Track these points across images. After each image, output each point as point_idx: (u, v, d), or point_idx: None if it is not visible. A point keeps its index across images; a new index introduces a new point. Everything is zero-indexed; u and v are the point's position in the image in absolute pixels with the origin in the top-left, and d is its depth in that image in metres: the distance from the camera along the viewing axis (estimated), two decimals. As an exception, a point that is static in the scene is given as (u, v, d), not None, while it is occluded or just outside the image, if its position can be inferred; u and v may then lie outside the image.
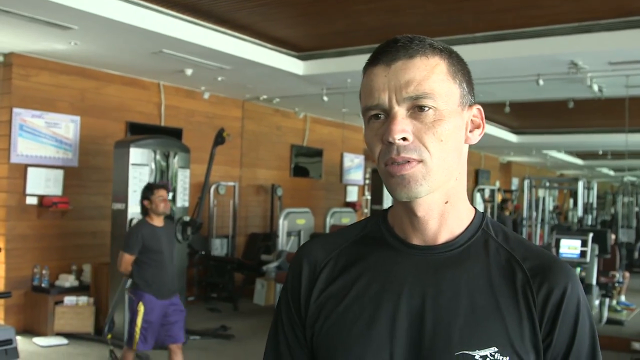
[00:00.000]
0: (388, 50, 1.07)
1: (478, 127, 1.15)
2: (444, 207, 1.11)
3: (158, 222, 5.25)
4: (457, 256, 1.11)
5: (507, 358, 1.02)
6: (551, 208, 16.05)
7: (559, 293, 1.07)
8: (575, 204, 13.76)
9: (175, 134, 8.70)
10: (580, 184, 13.27)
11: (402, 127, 1.03)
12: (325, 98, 8.86)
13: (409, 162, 1.04)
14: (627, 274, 9.80)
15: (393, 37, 1.09)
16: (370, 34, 6.85)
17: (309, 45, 7.60)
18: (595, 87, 7.85)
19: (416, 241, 1.13)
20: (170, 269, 5.25)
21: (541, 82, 7.37)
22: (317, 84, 8.54)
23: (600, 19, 6.13)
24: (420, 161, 1.04)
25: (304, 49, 7.73)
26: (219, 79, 8.33)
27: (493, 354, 1.02)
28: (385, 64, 1.07)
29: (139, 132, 8.21)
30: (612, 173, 24.12)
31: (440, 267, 1.10)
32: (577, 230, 9.76)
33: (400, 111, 1.04)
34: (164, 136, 7.86)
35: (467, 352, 1.03)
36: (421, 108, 1.04)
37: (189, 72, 7.85)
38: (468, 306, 1.06)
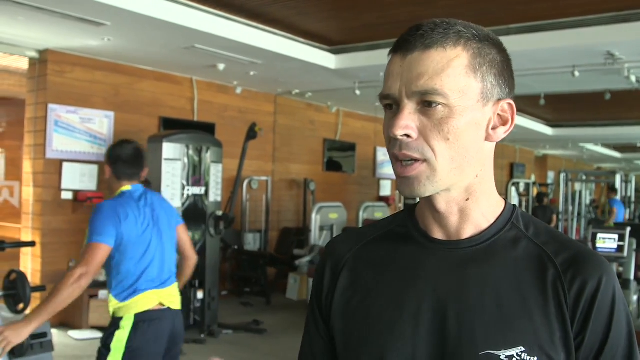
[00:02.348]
0: (407, 39, 1.02)
1: (505, 123, 1.07)
2: (465, 203, 1.08)
3: None
4: (483, 251, 1.07)
5: (535, 358, 0.98)
6: (588, 202, 15.83)
7: (593, 287, 1.01)
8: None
9: (208, 128, 8.75)
10: (618, 178, 13.07)
11: (407, 122, 1.00)
12: (358, 92, 8.81)
13: (412, 162, 1.01)
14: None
15: (416, 24, 1.04)
16: (401, 26, 6.71)
17: (341, 39, 7.56)
18: (633, 78, 7.68)
19: (439, 235, 1.10)
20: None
21: (577, 73, 7.24)
22: (349, 78, 8.50)
23: (637, 8, 5.99)
24: (424, 160, 1.01)
25: (336, 43, 7.70)
26: (251, 73, 8.34)
27: (520, 354, 0.98)
28: (402, 54, 1.02)
29: (172, 127, 8.27)
30: (651, 166, 23.69)
31: (465, 263, 1.06)
32: (615, 224, 9.60)
33: (409, 105, 1.01)
34: (197, 131, 7.90)
35: (492, 351, 0.99)
36: (429, 104, 1.00)
37: (221, 67, 7.87)
38: (494, 304, 1.02)
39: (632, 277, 7.70)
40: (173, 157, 7.18)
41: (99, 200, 7.61)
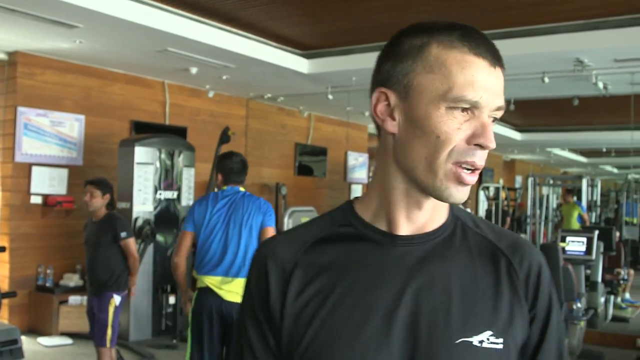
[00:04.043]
0: (490, 49, 1.03)
1: None
2: (440, 204, 1.09)
3: (95, 217, 5.21)
4: (442, 244, 1.09)
5: (502, 339, 1.03)
6: (555, 206, 16.04)
7: (537, 268, 1.11)
8: (580, 200, 13.72)
9: (179, 132, 8.70)
10: (584, 182, 13.25)
11: (492, 135, 1.01)
12: (330, 96, 8.84)
13: (478, 170, 1.02)
14: (631, 272, 9.79)
15: (474, 27, 1.05)
16: (376, 31, 6.83)
17: (314, 44, 7.58)
18: (601, 85, 7.83)
19: (404, 231, 1.08)
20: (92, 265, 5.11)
21: (546, 79, 7.35)
22: (322, 83, 8.52)
23: (606, 16, 6.11)
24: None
25: (309, 47, 7.72)
26: (224, 77, 8.32)
27: (488, 337, 1.02)
28: (490, 63, 1.01)
29: (144, 130, 8.21)
30: (615, 170, 24.10)
31: (427, 256, 1.07)
32: (583, 228, 9.76)
33: (488, 118, 1.02)
34: (169, 135, 7.86)
35: (466, 339, 1.01)
36: (494, 120, 1.03)
37: (193, 70, 7.84)
38: (459, 293, 1.04)
39: (599, 279, 7.84)
40: (145, 161, 7.13)
41: (69, 205, 7.53)
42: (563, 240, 6.91)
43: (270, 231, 4.10)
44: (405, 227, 1.08)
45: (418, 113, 1.02)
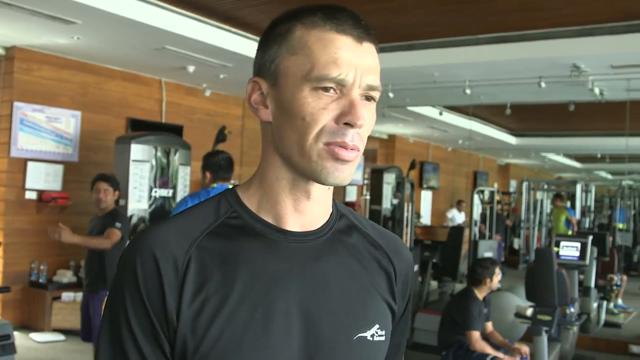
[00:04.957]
0: (355, 25, 1.00)
1: None
2: (328, 192, 1.07)
3: (100, 212, 5.21)
4: (331, 240, 1.07)
5: (384, 331, 1.07)
6: (549, 211, 16.08)
7: (410, 267, 1.17)
8: (573, 207, 13.78)
9: (175, 130, 8.69)
10: (579, 187, 13.32)
11: (363, 113, 0.97)
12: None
13: (355, 149, 0.99)
14: (624, 277, 9.82)
15: (341, 7, 1.02)
16: (375, 33, 6.84)
17: (312, 44, 7.59)
18: (597, 90, 7.87)
19: (294, 227, 1.05)
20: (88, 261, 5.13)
21: (543, 84, 7.38)
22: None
23: (603, 23, 6.15)
24: (359, 151, 1.00)
25: (307, 48, 7.72)
26: (221, 76, 8.33)
27: (377, 331, 1.06)
28: (355, 39, 0.99)
29: (140, 128, 8.21)
30: (609, 177, 24.15)
31: (319, 253, 1.05)
32: (577, 233, 9.78)
33: (358, 94, 0.98)
34: (165, 133, 7.85)
35: (361, 334, 1.04)
36: (369, 98, 1.00)
37: (191, 69, 7.84)
38: (352, 289, 1.06)
39: (592, 284, 7.86)
40: (141, 158, 7.12)
41: (64, 201, 7.52)
42: (557, 245, 6.93)
43: None
44: (294, 221, 1.05)
45: (285, 97, 1.00)
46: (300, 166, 1.01)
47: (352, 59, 0.97)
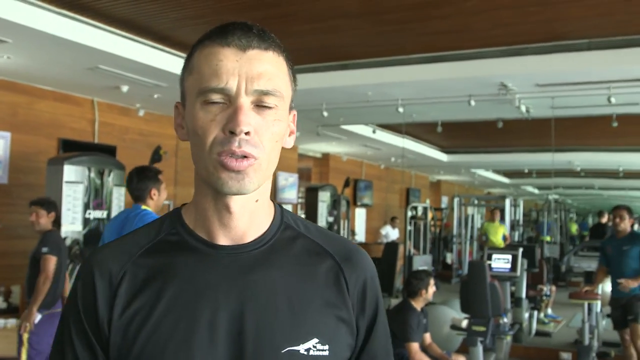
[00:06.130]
0: (242, 35, 1.02)
1: (292, 132, 1.13)
2: (255, 205, 1.07)
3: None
4: (267, 253, 1.08)
5: (327, 346, 1.03)
6: (479, 225, 16.46)
7: (368, 276, 1.13)
8: (503, 220, 14.13)
9: (109, 151, 8.57)
10: (507, 202, 13.69)
11: (248, 120, 0.98)
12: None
13: (246, 157, 0.99)
14: (553, 288, 10.13)
15: (243, 22, 1.04)
16: (308, 53, 6.94)
17: (247, 64, 7.61)
18: (523, 108, 8.16)
19: (223, 241, 1.07)
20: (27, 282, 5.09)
21: (472, 102, 7.60)
22: (253, 102, 8.56)
23: (529, 43, 6.40)
24: (257, 159, 1.00)
25: (242, 67, 7.74)
26: (155, 96, 8.26)
27: (315, 345, 1.03)
28: (239, 48, 1.01)
29: (72, 149, 8.05)
30: (536, 191, 24.93)
31: (251, 266, 1.05)
32: (508, 246, 10.05)
33: (247, 102, 0.99)
34: (99, 153, 7.73)
35: (292, 348, 1.01)
36: (265, 105, 1.00)
37: (124, 88, 7.76)
38: (285, 302, 1.04)
39: (523, 295, 8.08)
40: (74, 179, 6.99)
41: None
42: (489, 257, 7.12)
43: None
44: (223, 235, 1.07)
45: (188, 116, 1.05)
46: (206, 179, 1.03)
47: (235, 68, 0.99)
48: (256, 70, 0.99)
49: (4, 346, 6.88)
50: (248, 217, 1.07)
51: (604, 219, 14.63)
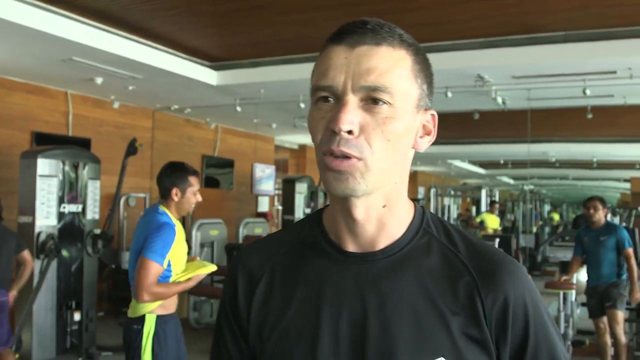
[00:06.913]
0: (355, 31, 0.99)
1: (429, 133, 1.08)
2: (382, 211, 1.03)
3: None
4: (398, 262, 1.03)
5: None
6: (455, 215, 16.58)
7: (512, 295, 1.01)
8: (478, 211, 14.26)
9: (83, 144, 8.45)
10: (483, 192, 13.83)
11: (351, 118, 0.95)
12: (239, 108, 8.83)
13: (347, 157, 0.96)
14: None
15: (361, 19, 1.01)
16: (285, 45, 6.90)
17: (223, 56, 7.57)
18: (500, 100, 8.19)
19: (352, 247, 1.05)
20: None
21: (449, 94, 7.61)
22: (230, 94, 8.51)
23: (505, 35, 6.41)
24: (360, 159, 0.96)
25: (218, 59, 7.69)
26: (130, 88, 8.16)
27: None
28: (349, 45, 0.98)
29: (46, 142, 7.93)
30: (512, 182, 25.13)
31: (380, 275, 1.02)
32: (483, 237, 10.13)
33: (353, 100, 0.96)
34: (73, 146, 7.62)
35: None
36: (375, 101, 0.97)
37: (99, 80, 7.65)
38: (412, 315, 1.00)
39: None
40: (48, 173, 6.88)
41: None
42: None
43: None
44: (351, 242, 1.06)
45: (307, 115, 1.05)
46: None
47: (342, 65, 0.97)
48: (364, 67, 0.97)
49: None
50: (375, 224, 1.04)
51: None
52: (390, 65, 0.98)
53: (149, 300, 3.39)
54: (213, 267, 3.81)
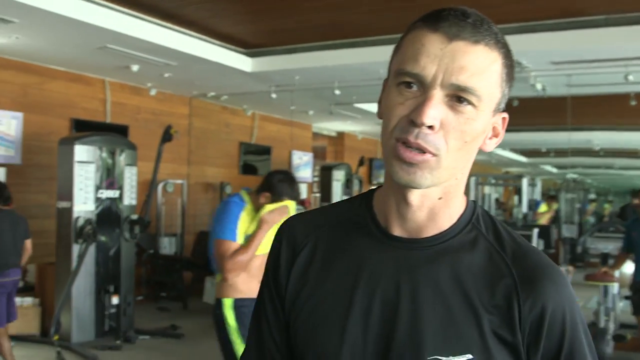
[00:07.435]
0: (454, 22, 0.95)
1: (497, 135, 1.06)
2: (437, 202, 1.02)
3: None
4: (440, 253, 1.03)
5: None
6: (494, 203, 16.37)
7: (551, 305, 0.99)
8: (520, 200, 14.04)
9: (121, 131, 8.56)
10: (525, 181, 13.57)
11: (435, 113, 0.92)
12: (274, 95, 8.83)
13: (422, 152, 0.94)
14: (571, 268, 10.03)
15: (461, 8, 0.97)
16: (319, 31, 6.86)
17: (257, 42, 7.56)
18: (539, 86, 8.02)
19: (398, 231, 1.05)
20: None
21: (487, 80, 7.48)
22: (265, 81, 8.51)
23: (544, 19, 6.26)
24: (435, 155, 0.94)
25: (252, 46, 7.69)
26: (166, 75, 8.23)
27: None
28: (447, 36, 0.94)
29: (84, 129, 8.06)
30: (554, 170, 24.69)
31: (419, 263, 1.02)
32: (522, 226, 9.97)
33: (439, 94, 0.93)
34: (110, 133, 7.72)
35: (439, 357, 0.97)
36: (460, 100, 0.94)
37: (134, 68, 7.73)
38: (445, 308, 0.99)
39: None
40: (86, 159, 6.98)
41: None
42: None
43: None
44: (398, 225, 1.05)
45: (384, 95, 1.02)
46: (385, 165, 1.01)
47: (436, 56, 0.94)
48: (458, 63, 0.93)
49: (23, 324, 6.92)
50: (427, 213, 1.03)
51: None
52: (483, 67, 0.95)
53: (235, 272, 3.37)
54: (286, 203, 3.56)
